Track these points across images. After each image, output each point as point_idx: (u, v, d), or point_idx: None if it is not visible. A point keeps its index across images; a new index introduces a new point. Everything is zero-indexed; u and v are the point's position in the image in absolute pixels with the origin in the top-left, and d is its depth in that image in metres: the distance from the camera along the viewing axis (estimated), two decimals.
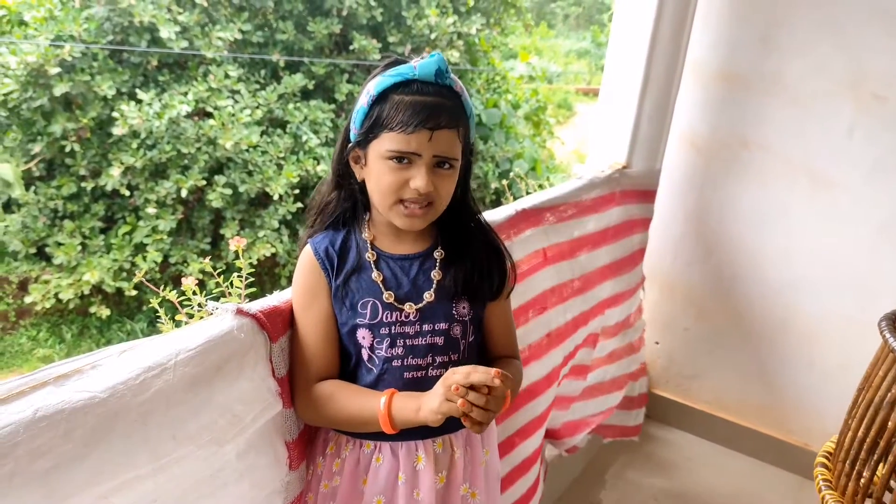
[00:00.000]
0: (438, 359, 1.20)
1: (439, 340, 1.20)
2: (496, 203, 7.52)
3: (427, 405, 1.07)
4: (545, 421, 1.98)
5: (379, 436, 1.17)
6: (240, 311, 1.09)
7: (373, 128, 1.12)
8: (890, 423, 1.36)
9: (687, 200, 2.69)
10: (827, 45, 2.29)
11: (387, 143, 1.10)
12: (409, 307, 1.18)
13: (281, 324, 1.17)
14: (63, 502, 0.81)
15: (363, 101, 1.14)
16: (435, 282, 1.21)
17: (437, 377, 1.17)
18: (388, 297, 1.18)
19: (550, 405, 2.00)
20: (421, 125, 1.07)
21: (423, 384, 1.18)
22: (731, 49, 2.46)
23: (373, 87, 1.13)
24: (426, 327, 1.19)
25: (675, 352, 2.88)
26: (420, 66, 1.11)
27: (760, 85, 2.43)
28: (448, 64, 1.13)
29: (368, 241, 1.22)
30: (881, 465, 1.40)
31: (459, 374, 1.04)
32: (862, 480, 1.44)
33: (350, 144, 1.18)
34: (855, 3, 2.22)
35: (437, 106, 1.09)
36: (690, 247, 2.73)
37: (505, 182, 2.30)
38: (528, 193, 2.11)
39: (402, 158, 1.10)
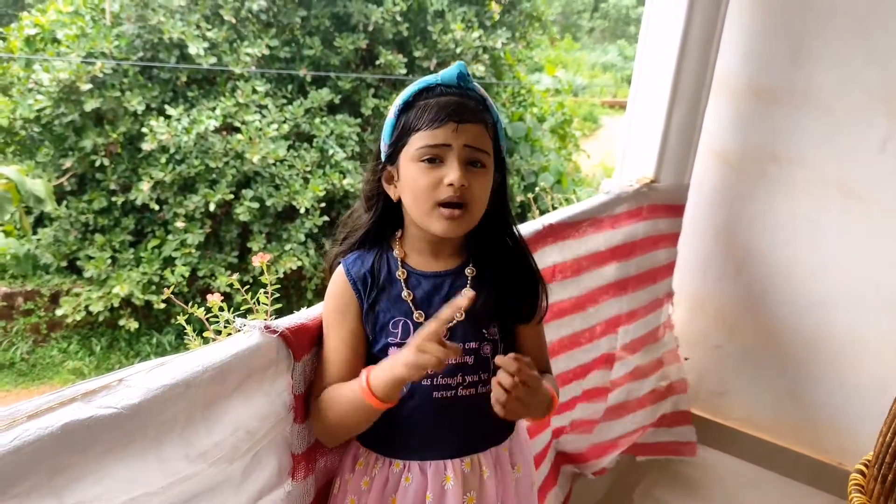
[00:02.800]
0: (468, 378, 1.18)
1: (469, 360, 1.18)
2: (522, 216, 7.51)
3: (401, 359, 1.04)
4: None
5: (407, 455, 1.17)
6: (267, 329, 1.09)
7: (401, 135, 1.13)
8: None
9: (716, 215, 2.65)
10: (859, 57, 2.26)
11: (416, 143, 1.10)
12: None
13: (307, 342, 1.17)
14: None
15: (390, 115, 1.16)
16: None
17: (467, 397, 1.18)
18: (418, 316, 1.16)
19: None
20: (447, 118, 1.08)
21: (453, 404, 1.17)
22: (761, 62, 2.43)
23: (399, 99, 1.15)
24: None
25: (706, 369, 2.83)
26: (442, 73, 1.13)
27: (791, 98, 2.40)
28: (472, 76, 1.14)
29: (399, 259, 1.21)
30: None
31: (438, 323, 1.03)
32: (886, 483, 1.41)
33: (382, 164, 1.18)
34: (888, 16, 2.18)
35: (462, 103, 1.11)
36: (720, 263, 2.69)
37: (531, 195, 2.28)
38: (553, 207, 2.09)
39: (433, 159, 1.10)
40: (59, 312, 6.24)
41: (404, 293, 1.18)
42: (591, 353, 2.15)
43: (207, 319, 1.21)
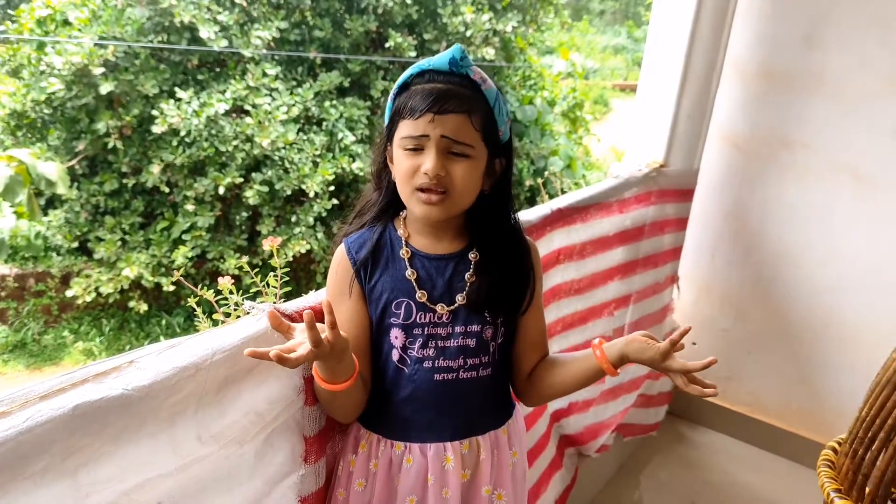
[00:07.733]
0: (469, 361, 1.19)
1: (471, 343, 1.19)
2: (531, 200, 7.49)
3: None
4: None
5: (408, 436, 1.20)
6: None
7: (393, 118, 1.16)
8: (889, 403, 1.33)
9: (725, 200, 2.65)
10: (872, 42, 2.23)
11: (401, 130, 1.13)
12: (441, 308, 1.18)
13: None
14: (86, 499, 0.83)
15: (390, 97, 1.18)
16: (468, 284, 1.20)
17: (468, 379, 1.20)
18: (420, 296, 1.17)
19: None
20: (426, 109, 1.09)
21: (454, 386, 1.19)
22: (773, 46, 2.41)
23: (398, 81, 1.17)
24: (458, 329, 1.18)
25: (713, 352, 2.81)
26: (437, 57, 1.14)
27: (802, 83, 2.38)
28: (477, 58, 1.14)
29: (403, 239, 1.22)
30: (882, 449, 1.35)
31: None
32: (856, 458, 1.42)
33: (386, 143, 1.20)
34: None
35: (445, 91, 1.11)
36: (729, 247, 2.69)
37: (540, 180, 2.28)
38: (563, 192, 2.09)
39: (415, 146, 1.12)
40: (69, 293, 6.27)
41: (408, 272, 1.19)
42: (592, 333, 2.14)
43: (217, 302, 1.22)
